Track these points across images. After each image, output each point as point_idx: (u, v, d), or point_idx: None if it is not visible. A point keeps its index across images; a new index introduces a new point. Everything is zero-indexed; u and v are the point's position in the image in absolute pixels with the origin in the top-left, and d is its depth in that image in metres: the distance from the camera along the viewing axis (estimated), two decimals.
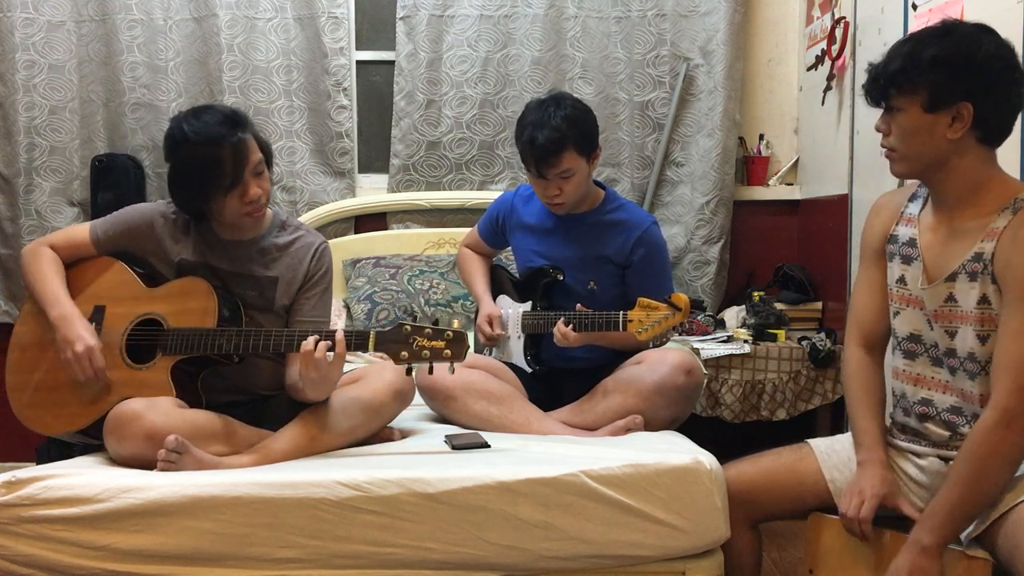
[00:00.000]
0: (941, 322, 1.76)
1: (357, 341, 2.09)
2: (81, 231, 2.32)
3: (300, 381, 2.11)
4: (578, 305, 2.45)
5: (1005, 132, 1.71)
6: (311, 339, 2.05)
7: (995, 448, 1.62)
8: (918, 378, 1.82)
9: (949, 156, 1.70)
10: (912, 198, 1.87)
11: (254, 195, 2.15)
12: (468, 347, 2.06)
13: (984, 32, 1.69)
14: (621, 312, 2.34)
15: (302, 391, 2.14)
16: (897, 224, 1.87)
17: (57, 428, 2.22)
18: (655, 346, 2.44)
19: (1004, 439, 1.62)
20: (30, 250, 2.30)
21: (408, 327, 2.04)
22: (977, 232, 1.70)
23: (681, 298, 2.29)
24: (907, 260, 1.82)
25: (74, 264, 2.30)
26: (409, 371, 2.10)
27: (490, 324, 2.63)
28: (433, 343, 2.03)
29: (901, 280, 1.83)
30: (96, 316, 2.23)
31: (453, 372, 2.13)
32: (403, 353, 2.04)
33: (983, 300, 1.68)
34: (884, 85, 1.72)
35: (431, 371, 2.11)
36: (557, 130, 2.43)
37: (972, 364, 1.72)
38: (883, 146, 1.78)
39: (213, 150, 2.09)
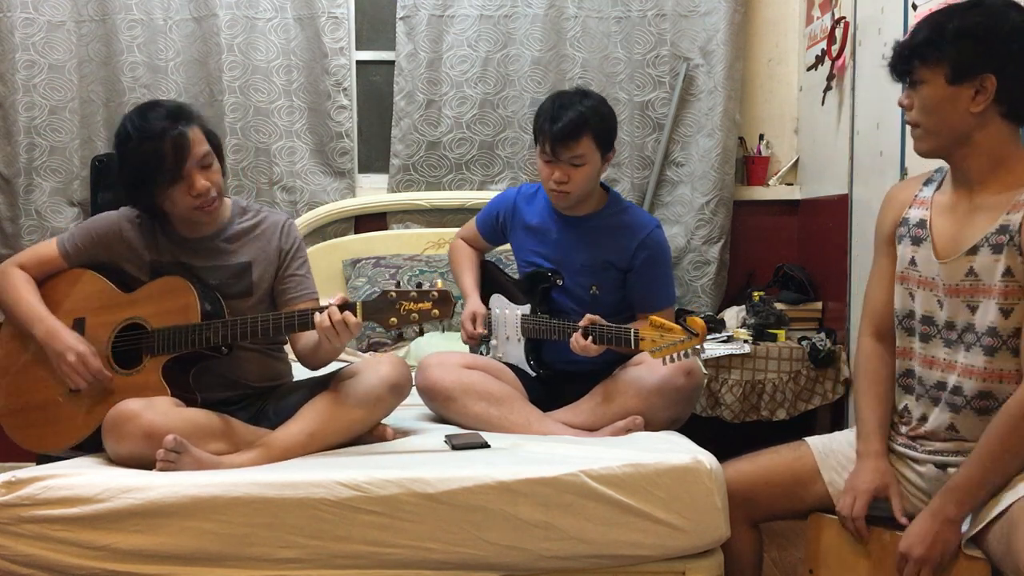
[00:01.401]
0: (962, 296, 1.73)
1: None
2: (48, 248, 2.31)
3: (314, 352, 2.23)
4: (587, 316, 2.39)
5: None
6: (326, 314, 2.06)
7: None
8: (932, 360, 1.80)
9: (972, 131, 1.69)
10: (927, 182, 1.87)
11: (201, 188, 2.15)
12: (454, 304, 2.08)
13: (1012, 6, 1.68)
14: (633, 330, 2.29)
15: (314, 359, 2.26)
16: (909, 208, 1.87)
17: (54, 445, 2.22)
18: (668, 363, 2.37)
19: None
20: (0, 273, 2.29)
21: (393, 293, 2.06)
22: (1002, 206, 1.68)
23: (697, 322, 2.22)
24: (917, 241, 1.82)
25: (45, 281, 2.28)
26: (401, 336, 2.11)
27: (473, 322, 2.60)
28: (420, 305, 2.05)
29: (912, 262, 1.83)
30: (76, 329, 2.22)
31: (444, 332, 2.12)
32: (392, 319, 2.06)
33: (1007, 272, 1.67)
34: (908, 56, 1.71)
35: (421, 332, 2.12)
36: (580, 113, 2.43)
37: (991, 339, 1.69)
38: (907, 122, 1.77)
39: (155, 145, 2.10)
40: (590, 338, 2.35)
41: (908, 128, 1.79)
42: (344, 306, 2.08)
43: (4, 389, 2.28)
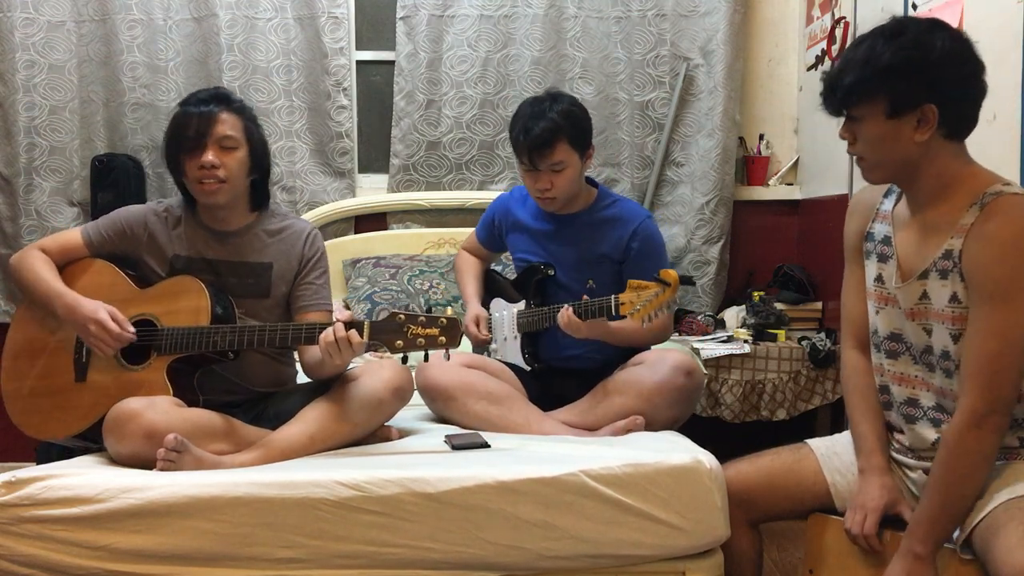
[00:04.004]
0: (918, 320, 1.74)
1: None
2: (72, 235, 2.35)
3: (319, 366, 2.20)
4: (565, 305, 2.42)
5: (971, 124, 1.69)
6: (330, 331, 2.07)
7: (968, 450, 1.62)
8: (902, 377, 1.81)
9: (919, 157, 1.68)
10: (886, 194, 1.86)
11: (205, 160, 2.19)
12: (462, 333, 2.09)
13: (936, 28, 1.66)
14: (613, 296, 2.33)
15: (318, 372, 2.23)
16: (873, 221, 1.86)
17: (55, 433, 2.23)
18: (647, 324, 2.36)
19: (976, 440, 1.61)
20: (20, 255, 2.32)
21: (402, 316, 2.07)
22: (947, 229, 1.68)
23: (670, 274, 2.27)
24: (883, 258, 1.81)
25: (63, 268, 2.31)
26: (405, 359, 2.12)
27: (477, 326, 2.63)
28: (427, 331, 2.05)
29: (879, 279, 1.82)
30: None
31: (448, 359, 2.13)
32: (398, 342, 2.06)
33: (954, 298, 1.67)
34: (842, 97, 1.69)
35: (426, 358, 2.14)
36: (552, 121, 2.45)
37: (947, 362, 1.70)
38: (850, 153, 1.76)
39: (187, 114, 2.23)
40: (570, 309, 2.37)
41: (854, 158, 1.76)
42: (351, 324, 2.09)
43: (13, 371, 2.30)
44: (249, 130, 2.28)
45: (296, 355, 2.40)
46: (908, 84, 1.62)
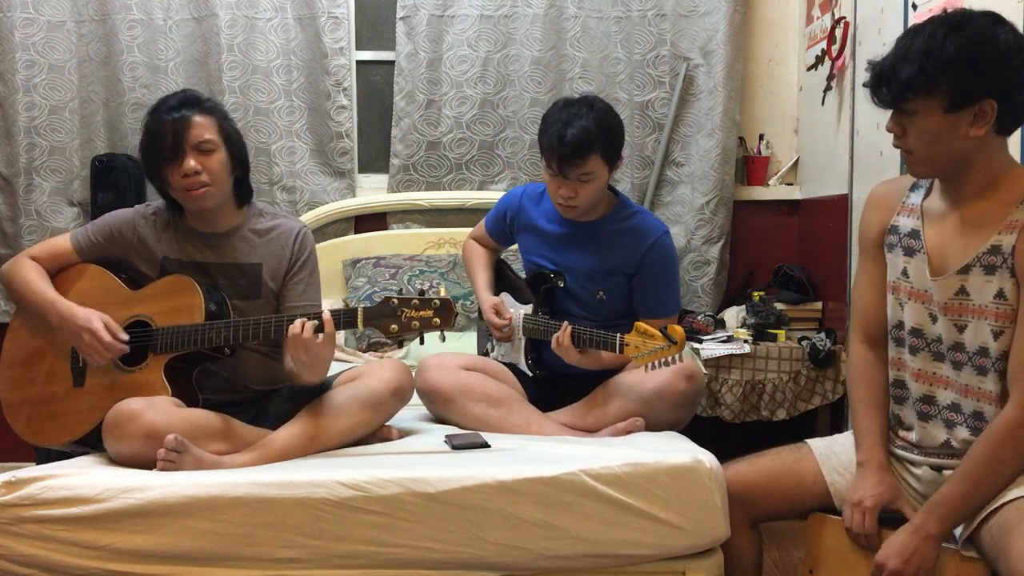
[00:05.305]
0: (951, 315, 1.71)
1: (346, 319, 2.11)
2: (62, 241, 2.34)
3: (293, 365, 2.12)
4: (566, 323, 2.39)
5: (1021, 119, 1.67)
6: (297, 322, 2.07)
7: (1014, 445, 1.61)
8: (920, 373, 1.80)
9: (971, 152, 1.65)
10: (913, 187, 1.83)
11: (187, 167, 2.17)
12: (456, 314, 2.09)
13: (997, 21, 1.62)
14: (618, 335, 2.29)
15: (298, 376, 2.15)
16: (898, 215, 1.83)
17: (56, 439, 2.24)
18: (650, 370, 2.33)
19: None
20: (10, 264, 2.32)
21: (395, 300, 2.07)
22: (993, 224, 1.65)
23: (677, 331, 2.23)
24: (910, 252, 1.78)
25: (55, 275, 2.30)
26: (401, 343, 2.11)
27: (498, 315, 2.56)
28: (421, 313, 2.06)
29: (904, 272, 1.80)
30: None
31: (444, 340, 2.12)
32: (393, 326, 2.07)
33: (999, 295, 1.64)
34: (900, 89, 1.63)
35: (422, 341, 2.13)
36: (587, 130, 2.37)
37: (983, 359, 1.68)
38: (898, 147, 1.71)
39: (160, 123, 2.18)
40: (570, 329, 2.33)
41: (900, 152, 1.73)
42: (345, 312, 2.08)
43: (10, 380, 2.30)
44: (224, 129, 2.24)
45: None
46: (972, 79, 1.58)
